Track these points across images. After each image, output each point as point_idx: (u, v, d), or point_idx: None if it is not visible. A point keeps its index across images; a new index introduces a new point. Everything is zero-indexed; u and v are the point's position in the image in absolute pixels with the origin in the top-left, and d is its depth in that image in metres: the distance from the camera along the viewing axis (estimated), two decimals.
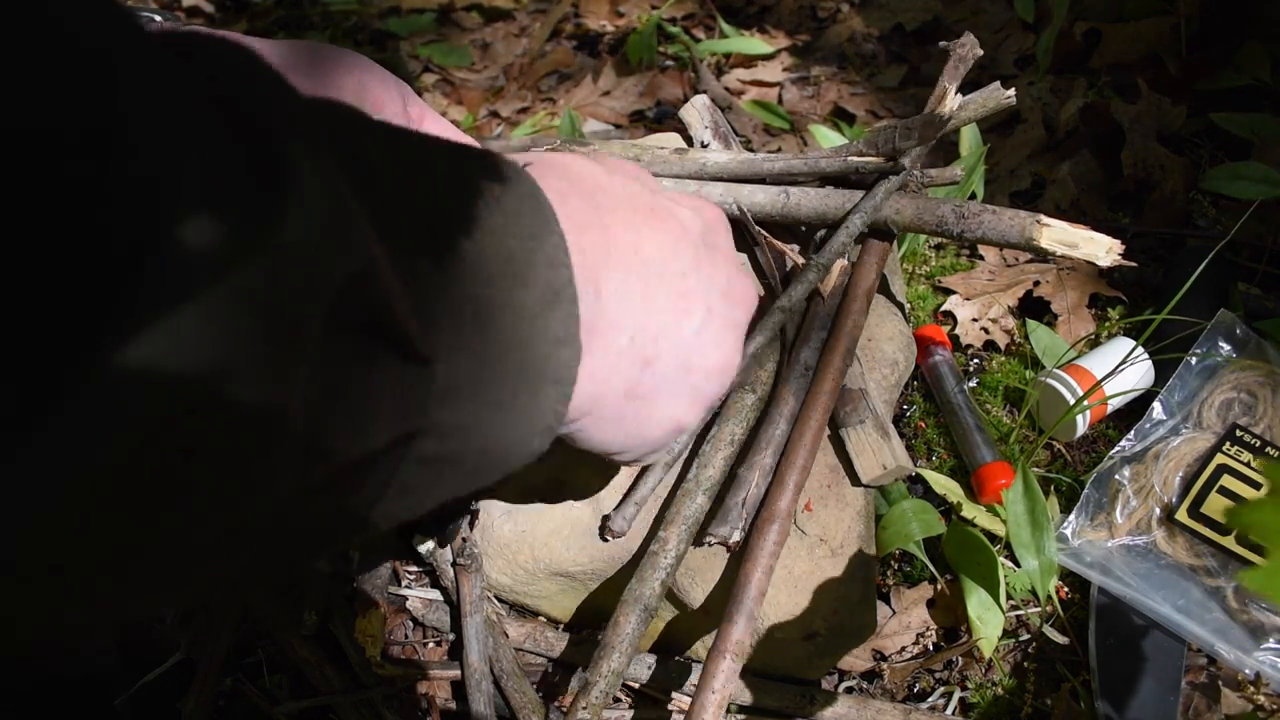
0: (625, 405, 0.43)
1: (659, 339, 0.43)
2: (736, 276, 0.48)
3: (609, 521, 0.60)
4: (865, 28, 1.34)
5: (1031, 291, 0.89)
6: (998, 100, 0.69)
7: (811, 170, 0.69)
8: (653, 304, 0.43)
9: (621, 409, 0.43)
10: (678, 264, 0.44)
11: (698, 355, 0.45)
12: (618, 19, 1.50)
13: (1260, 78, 1.01)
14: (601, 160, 0.47)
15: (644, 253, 0.43)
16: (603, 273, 0.40)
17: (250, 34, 1.60)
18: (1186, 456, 0.72)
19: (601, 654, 0.54)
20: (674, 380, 0.45)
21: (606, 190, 0.43)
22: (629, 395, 0.43)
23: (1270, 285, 0.87)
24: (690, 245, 0.45)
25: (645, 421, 0.45)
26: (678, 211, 0.46)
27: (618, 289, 0.41)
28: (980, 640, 0.67)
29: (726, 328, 0.47)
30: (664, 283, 0.43)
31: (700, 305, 0.45)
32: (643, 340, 0.42)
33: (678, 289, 0.44)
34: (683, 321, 0.44)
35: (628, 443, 0.46)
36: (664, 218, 0.45)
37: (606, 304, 0.40)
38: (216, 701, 0.68)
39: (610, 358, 0.41)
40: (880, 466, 0.62)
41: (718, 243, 0.49)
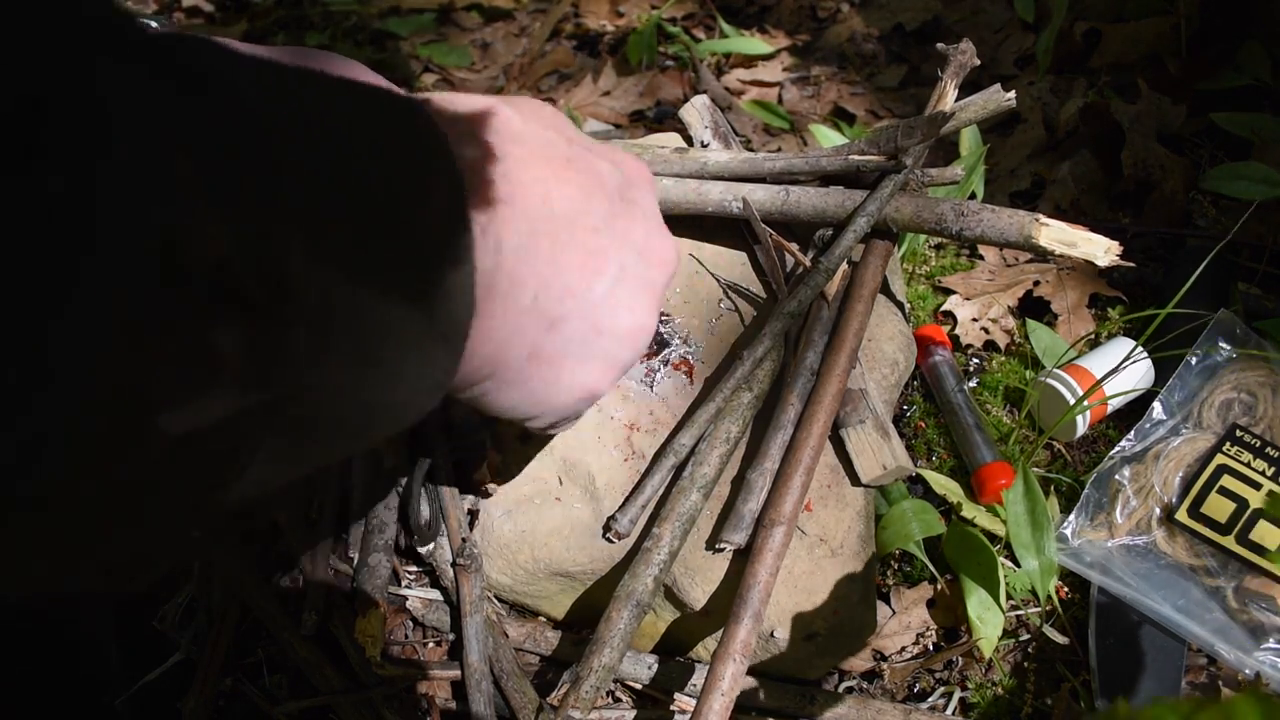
0: (530, 368, 0.41)
1: (565, 298, 0.40)
2: (655, 235, 0.45)
3: (613, 523, 0.60)
4: (865, 28, 1.34)
5: (1031, 291, 0.89)
6: (998, 102, 0.69)
7: (813, 169, 0.69)
8: (560, 260, 0.40)
9: (526, 372, 0.41)
10: (589, 218, 0.41)
11: (608, 316, 0.42)
12: (618, 19, 1.50)
13: (1260, 78, 1.01)
14: (519, 106, 0.43)
15: (553, 205, 0.39)
16: (505, 225, 0.37)
17: (250, 34, 1.60)
18: (1186, 456, 0.72)
19: (593, 649, 0.54)
20: (583, 343, 0.42)
21: (520, 138, 0.40)
22: (533, 358, 0.40)
23: (1270, 285, 0.87)
24: (606, 198, 0.42)
25: (553, 386, 0.42)
26: (595, 163, 0.43)
27: (522, 243, 0.38)
28: (980, 640, 0.67)
29: (641, 288, 0.44)
30: (574, 237, 0.40)
31: (613, 263, 0.42)
32: (547, 299, 0.39)
33: (588, 245, 0.41)
34: (593, 280, 0.41)
35: (535, 408, 0.43)
36: (579, 169, 0.42)
37: (507, 258, 0.37)
38: (216, 701, 0.68)
39: (511, 317, 0.38)
40: (880, 466, 0.62)
41: (636, 198, 0.45)
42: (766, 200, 0.68)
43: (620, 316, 0.43)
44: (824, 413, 0.61)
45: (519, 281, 0.38)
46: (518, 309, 0.38)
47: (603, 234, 0.42)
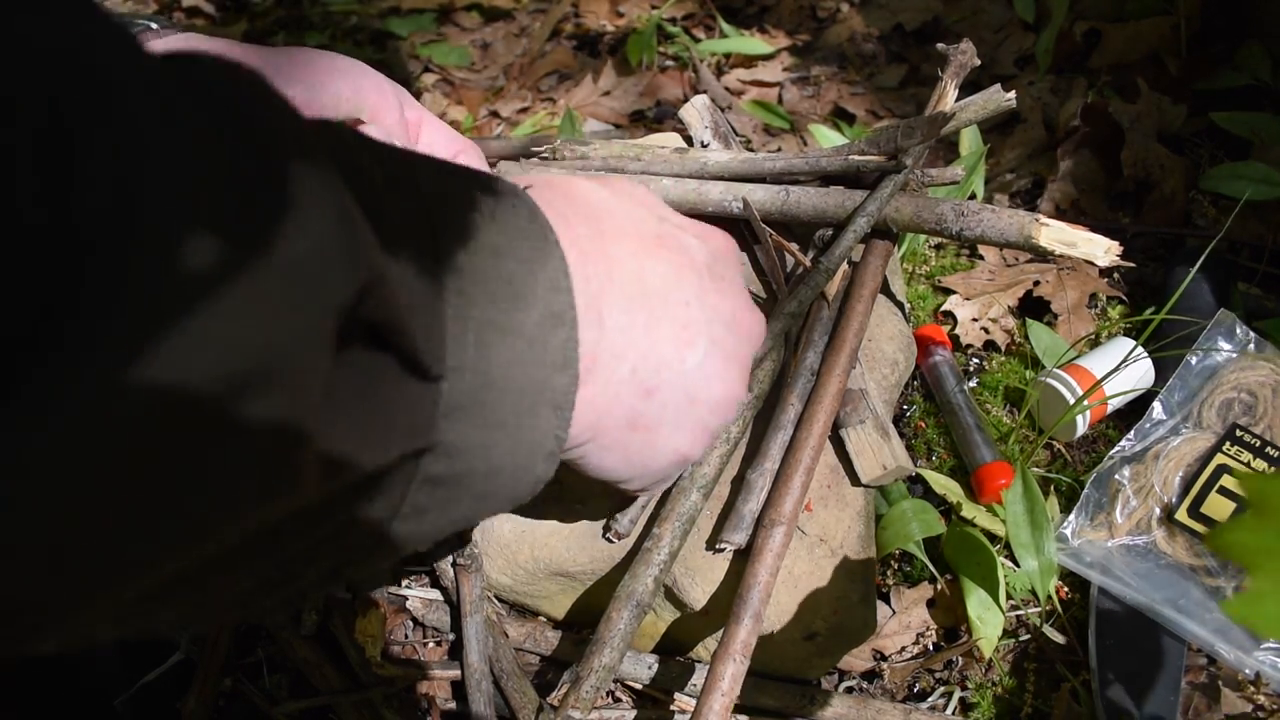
0: (628, 435, 0.43)
1: (661, 370, 0.42)
2: (743, 308, 0.47)
3: (613, 523, 0.60)
4: (865, 28, 1.34)
5: (1031, 291, 0.89)
6: (998, 103, 0.69)
7: (813, 169, 0.69)
8: (655, 334, 0.42)
9: (624, 438, 0.43)
10: (681, 293, 0.43)
11: (701, 388, 0.44)
12: (618, 19, 1.50)
13: (1260, 78, 1.01)
14: (608, 184, 0.46)
15: (647, 281, 0.42)
16: (605, 300, 0.39)
17: (250, 34, 1.60)
18: (1186, 456, 0.72)
19: (593, 649, 0.54)
20: (677, 412, 0.44)
21: (612, 215, 0.43)
22: (631, 425, 0.43)
23: (1270, 285, 0.87)
24: (695, 274, 0.44)
25: (648, 450, 0.44)
26: (684, 239, 0.45)
27: (620, 318, 0.40)
28: (980, 640, 0.67)
29: (730, 360, 0.46)
30: (667, 312, 0.42)
31: (704, 337, 0.44)
32: (645, 371, 0.42)
33: (680, 319, 0.43)
34: (685, 353, 0.43)
35: (632, 471, 0.46)
36: (669, 246, 0.44)
37: (608, 333, 0.40)
38: (216, 701, 0.68)
39: (612, 387, 0.41)
40: (880, 466, 0.62)
41: (724, 273, 0.47)
42: (766, 200, 0.68)
43: (713, 386, 0.45)
44: (824, 413, 0.61)
45: (619, 354, 0.40)
46: (618, 379, 0.41)
47: (694, 308, 0.44)
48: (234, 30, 1.58)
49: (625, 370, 0.41)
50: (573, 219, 0.40)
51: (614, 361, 0.40)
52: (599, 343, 0.39)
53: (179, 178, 0.21)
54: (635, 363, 0.41)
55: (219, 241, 0.21)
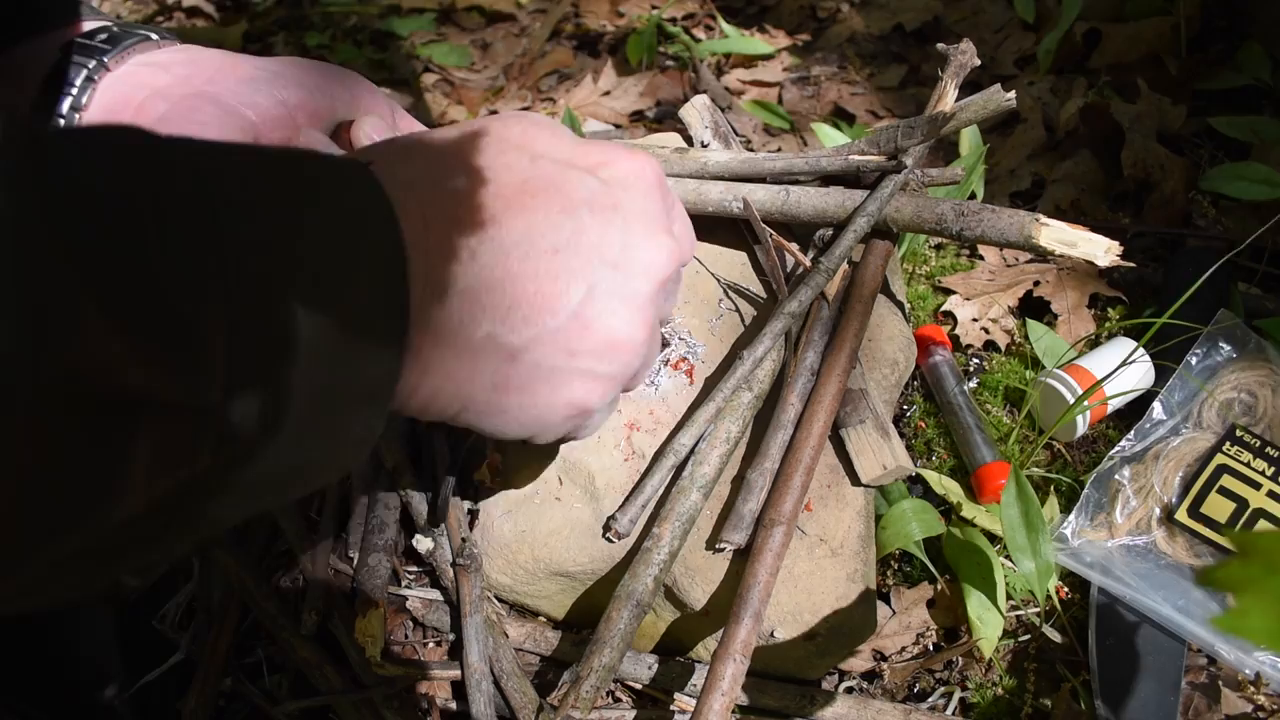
0: (499, 397, 0.41)
1: (523, 327, 0.40)
2: (639, 239, 0.44)
3: (613, 522, 0.60)
4: (865, 28, 1.34)
5: (1031, 291, 0.89)
6: (998, 103, 0.69)
7: (813, 169, 0.69)
8: (514, 290, 0.39)
9: (499, 401, 0.41)
10: (546, 240, 0.40)
11: (579, 337, 0.41)
12: (618, 19, 1.50)
13: (1260, 78, 1.01)
14: (482, 129, 0.42)
15: (503, 238, 0.39)
16: (448, 269, 0.37)
17: (250, 34, 1.60)
18: (1186, 456, 0.72)
19: (593, 649, 0.54)
20: (554, 366, 0.41)
21: (472, 172, 0.40)
22: (499, 388, 0.41)
23: (1270, 285, 0.87)
24: (569, 215, 0.41)
25: (530, 410, 0.42)
26: (561, 177, 0.42)
27: (469, 283, 0.38)
28: (980, 640, 0.67)
29: (616, 301, 0.42)
30: (527, 264, 0.40)
31: (578, 282, 0.41)
32: (502, 332, 0.39)
33: (546, 270, 0.40)
34: (554, 305, 0.40)
35: (523, 430, 0.44)
36: (535, 191, 0.41)
37: (452, 300, 0.38)
38: (216, 701, 0.68)
39: (468, 357, 0.39)
40: (880, 466, 0.62)
41: (619, 202, 0.43)
42: (766, 200, 0.68)
43: (594, 332, 0.42)
44: (824, 413, 0.61)
45: (470, 319, 0.38)
46: (472, 346, 0.39)
47: (565, 254, 0.41)
48: (234, 30, 1.58)
49: (479, 336, 0.39)
50: (420, 187, 0.38)
51: (465, 329, 0.38)
52: (442, 315, 0.37)
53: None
54: (491, 327, 0.39)
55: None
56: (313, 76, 0.55)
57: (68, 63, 0.52)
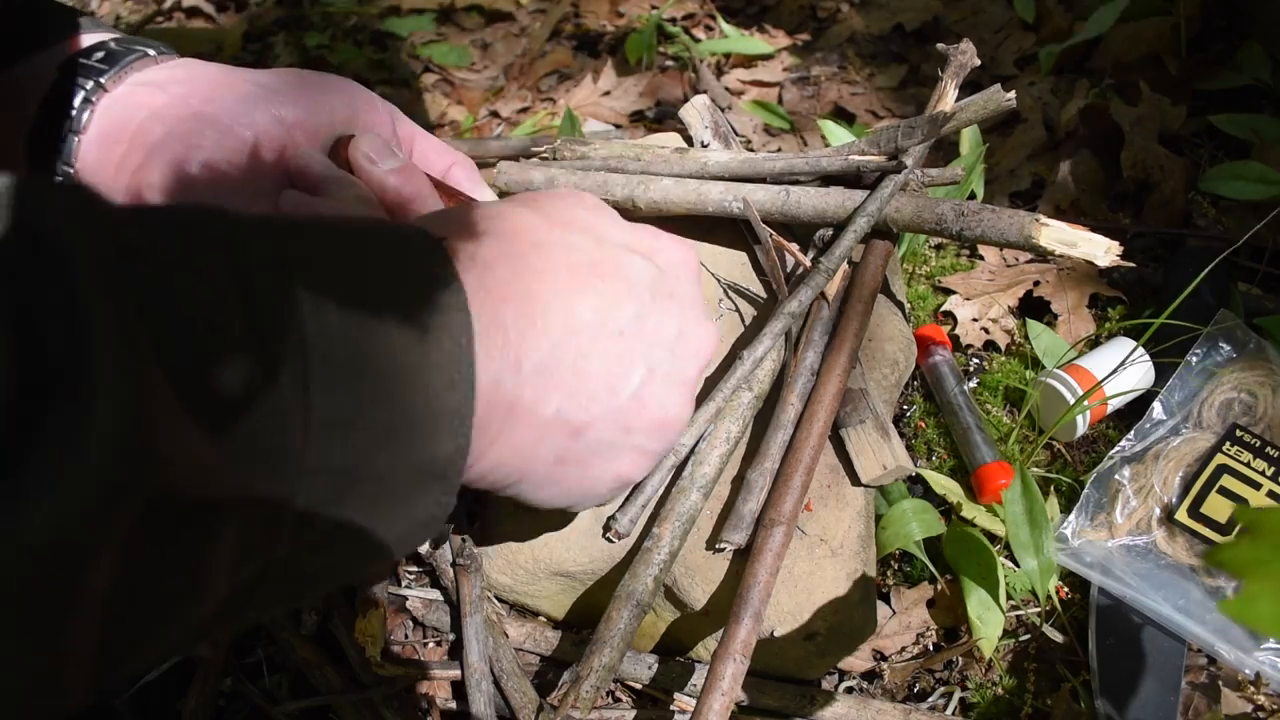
0: (558, 470, 0.42)
1: (591, 405, 0.41)
2: (691, 326, 0.46)
3: (613, 523, 0.60)
4: (865, 28, 1.34)
5: (1031, 291, 0.89)
6: (998, 103, 0.69)
7: (813, 169, 0.69)
8: (584, 369, 0.41)
9: (555, 473, 0.43)
10: (615, 323, 0.42)
11: (636, 416, 0.43)
12: (618, 19, 1.50)
13: (1260, 78, 1.01)
14: (546, 208, 0.44)
15: (575, 318, 0.41)
16: (526, 345, 0.39)
17: (250, 35, 1.59)
18: (1186, 456, 0.72)
19: (593, 649, 0.54)
20: (611, 442, 0.43)
21: (542, 248, 0.42)
22: (560, 461, 0.42)
23: (1270, 285, 0.87)
24: (634, 300, 0.43)
25: (583, 482, 0.44)
26: (625, 262, 0.44)
27: (543, 360, 0.39)
28: (980, 640, 0.67)
29: (671, 384, 0.45)
30: (597, 344, 0.41)
31: (640, 365, 0.43)
32: (571, 409, 0.41)
33: (613, 351, 0.42)
34: (618, 385, 0.42)
35: (571, 499, 0.46)
36: (604, 274, 0.43)
37: (528, 378, 0.39)
38: (216, 701, 0.68)
39: (535, 431, 0.40)
40: (880, 466, 0.62)
41: (674, 289, 0.46)
42: (766, 200, 0.68)
43: (651, 412, 0.44)
44: (824, 413, 0.61)
45: (542, 396, 0.39)
46: (541, 422, 0.40)
47: (629, 337, 0.42)
48: (234, 31, 1.58)
49: (549, 412, 0.40)
50: (494, 263, 0.39)
51: (536, 405, 0.39)
52: (517, 389, 0.38)
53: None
54: (560, 403, 0.40)
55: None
56: (310, 91, 0.54)
57: (66, 84, 0.52)
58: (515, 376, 0.38)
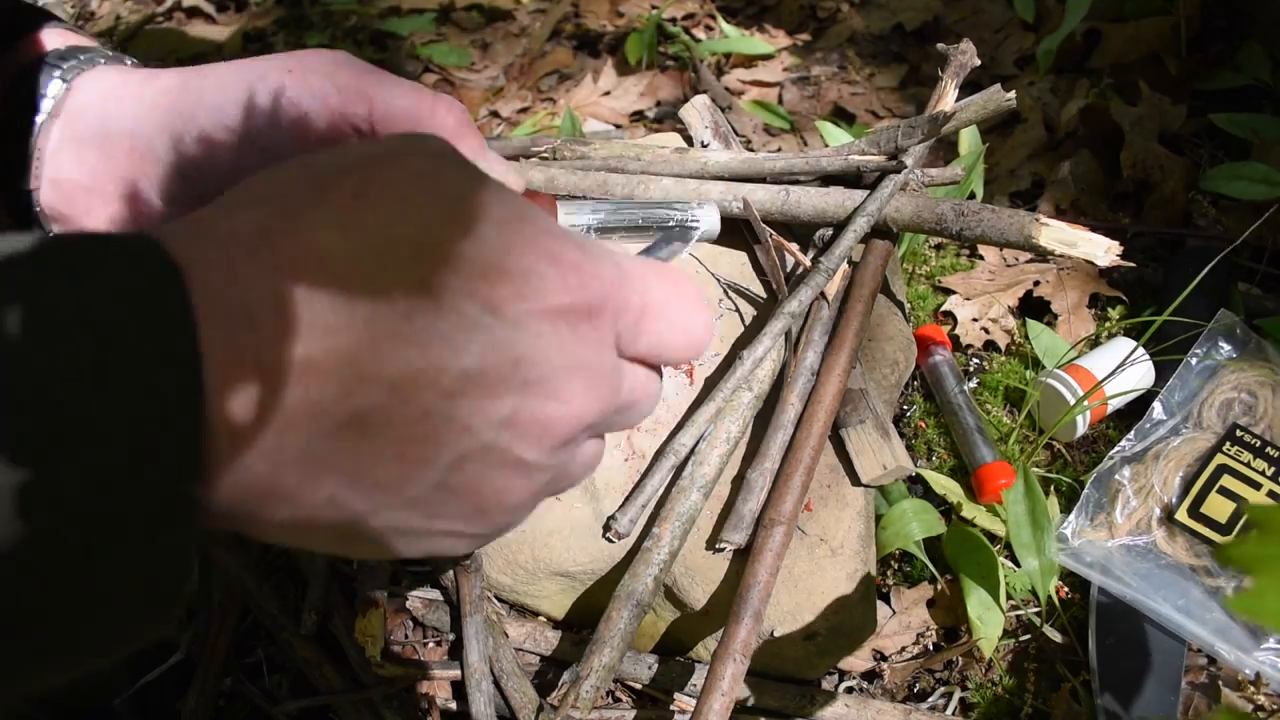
0: (348, 547, 0.32)
1: (374, 494, 0.30)
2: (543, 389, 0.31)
3: (613, 522, 0.60)
4: (865, 28, 1.34)
5: (1031, 291, 0.89)
6: (998, 103, 0.69)
7: (813, 169, 0.69)
8: (365, 456, 0.29)
9: (349, 549, 0.33)
10: (423, 394, 0.29)
11: (440, 510, 0.31)
12: (618, 19, 1.50)
13: (1260, 78, 1.01)
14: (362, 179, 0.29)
15: (363, 385, 0.28)
16: (286, 430, 0.27)
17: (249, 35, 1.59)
18: (1187, 456, 0.72)
19: (593, 649, 0.54)
20: (408, 533, 0.32)
21: (332, 268, 0.28)
22: (345, 540, 0.32)
23: (1270, 285, 0.87)
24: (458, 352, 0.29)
25: (392, 553, 0.34)
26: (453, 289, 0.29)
27: (309, 445, 0.28)
28: (980, 640, 0.67)
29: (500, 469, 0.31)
30: (392, 423, 0.29)
31: (447, 451, 0.30)
32: (349, 498, 0.29)
33: (411, 433, 0.29)
34: (413, 475, 0.30)
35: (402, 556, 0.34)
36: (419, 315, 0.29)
37: (288, 463, 0.28)
38: (216, 701, 0.68)
39: (303, 513, 0.29)
40: (880, 466, 0.62)
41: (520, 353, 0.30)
42: (766, 200, 0.68)
43: (460, 505, 0.32)
44: (824, 413, 0.61)
45: (310, 480, 0.28)
46: (310, 505, 0.29)
47: (440, 413, 0.29)
48: (234, 31, 1.58)
49: (320, 497, 0.29)
50: (253, 299, 0.26)
51: (301, 488, 0.29)
52: (275, 473, 0.28)
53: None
54: (334, 491, 0.29)
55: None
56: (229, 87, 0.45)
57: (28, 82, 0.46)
58: (270, 462, 0.27)
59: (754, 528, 0.58)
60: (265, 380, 0.26)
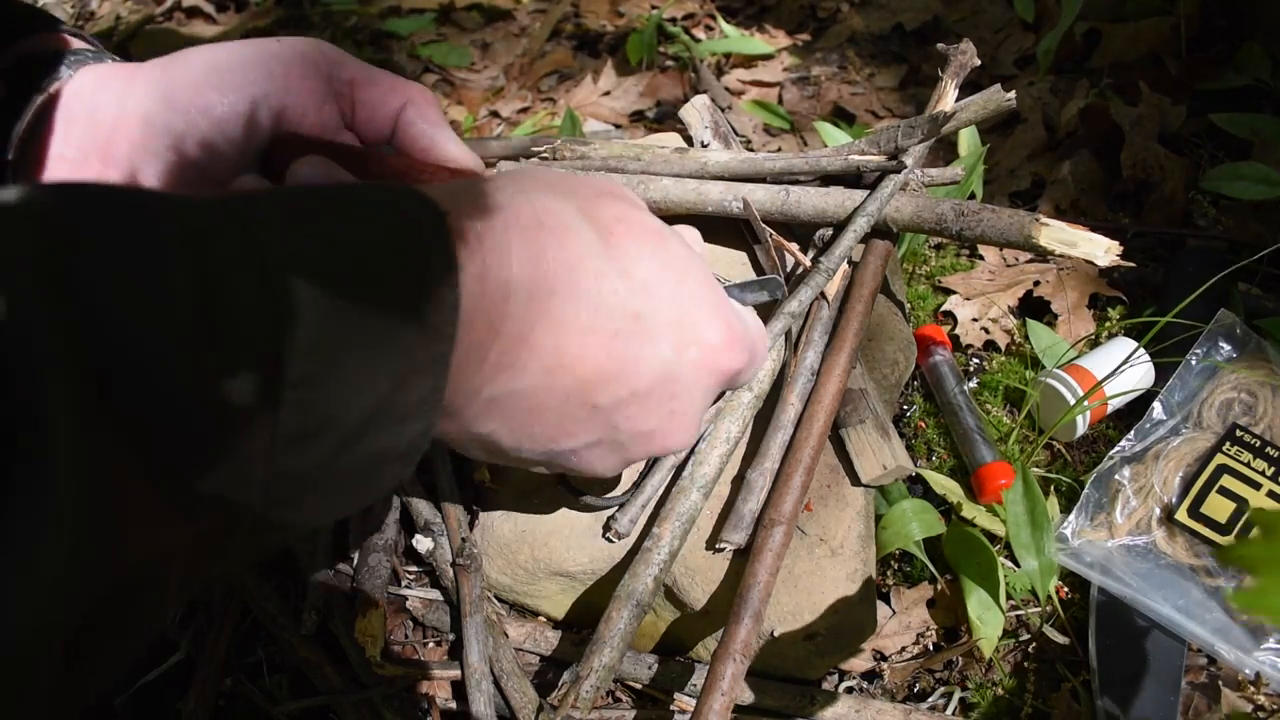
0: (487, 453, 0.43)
1: (523, 444, 0.41)
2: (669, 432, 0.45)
3: (613, 523, 0.60)
4: (865, 28, 1.34)
5: (1031, 291, 0.89)
6: (998, 103, 0.69)
7: (813, 169, 0.69)
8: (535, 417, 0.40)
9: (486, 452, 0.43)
10: (594, 398, 0.41)
11: (564, 463, 0.44)
12: (618, 19, 1.50)
13: (1260, 78, 1.01)
14: (591, 208, 0.41)
15: (560, 375, 0.39)
16: (496, 378, 0.37)
17: (249, 35, 1.60)
18: (1186, 456, 0.72)
19: (593, 649, 0.54)
20: (534, 464, 0.44)
21: (569, 275, 0.39)
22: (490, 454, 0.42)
23: (1270, 285, 0.87)
24: (628, 386, 0.41)
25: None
26: (646, 350, 0.42)
27: (500, 395, 0.38)
28: (980, 640, 0.67)
29: (611, 453, 0.45)
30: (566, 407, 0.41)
31: (592, 434, 0.42)
32: (503, 436, 0.40)
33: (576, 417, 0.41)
34: (559, 441, 0.42)
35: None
36: (615, 351, 0.40)
37: (480, 403, 0.38)
38: (216, 701, 0.68)
39: (463, 435, 0.40)
40: (880, 466, 0.62)
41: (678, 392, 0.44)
42: (766, 200, 0.68)
43: (576, 465, 0.45)
44: (824, 413, 0.61)
45: (481, 419, 0.39)
46: (469, 436, 0.40)
47: (600, 412, 0.41)
48: (234, 31, 1.58)
49: (483, 430, 0.40)
50: (503, 268, 0.35)
51: (473, 423, 0.39)
52: (465, 406, 0.38)
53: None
54: (495, 428, 0.40)
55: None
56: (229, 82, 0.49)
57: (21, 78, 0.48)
58: (469, 398, 0.37)
59: (754, 528, 0.58)
60: (486, 356, 0.36)
